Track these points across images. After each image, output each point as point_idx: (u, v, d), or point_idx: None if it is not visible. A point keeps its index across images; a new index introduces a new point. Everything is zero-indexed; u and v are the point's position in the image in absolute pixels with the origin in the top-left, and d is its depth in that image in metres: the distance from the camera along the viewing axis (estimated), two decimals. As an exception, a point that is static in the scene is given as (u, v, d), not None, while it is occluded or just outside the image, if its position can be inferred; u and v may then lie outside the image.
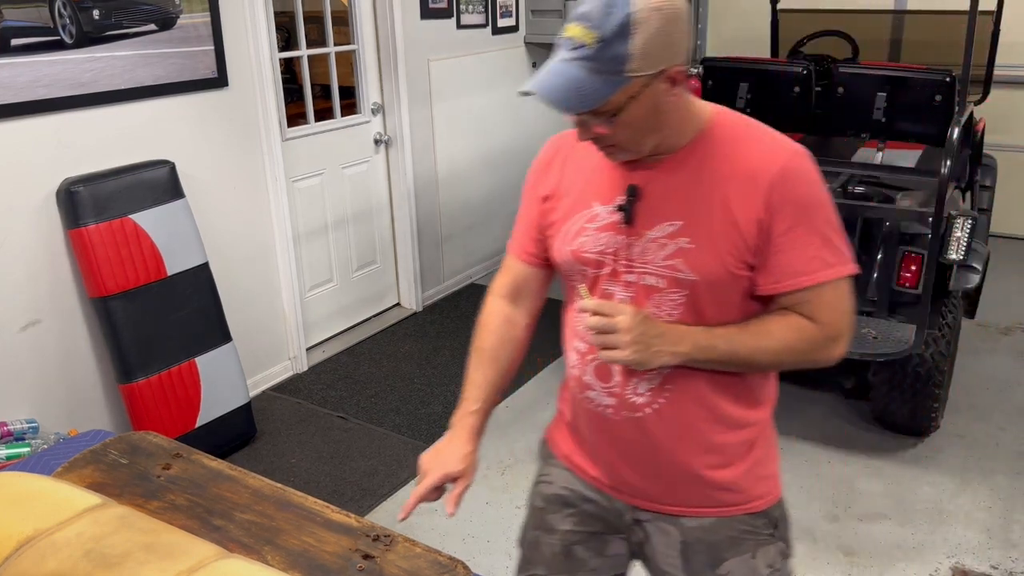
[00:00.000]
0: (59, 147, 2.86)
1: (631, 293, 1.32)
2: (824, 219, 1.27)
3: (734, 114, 1.33)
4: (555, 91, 1.18)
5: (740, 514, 1.40)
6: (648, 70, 1.16)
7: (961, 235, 2.78)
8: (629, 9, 1.13)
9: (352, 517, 1.43)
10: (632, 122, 1.21)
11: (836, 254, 1.27)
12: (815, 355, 1.30)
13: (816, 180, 1.27)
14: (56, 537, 1.21)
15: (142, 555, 1.18)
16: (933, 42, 4.60)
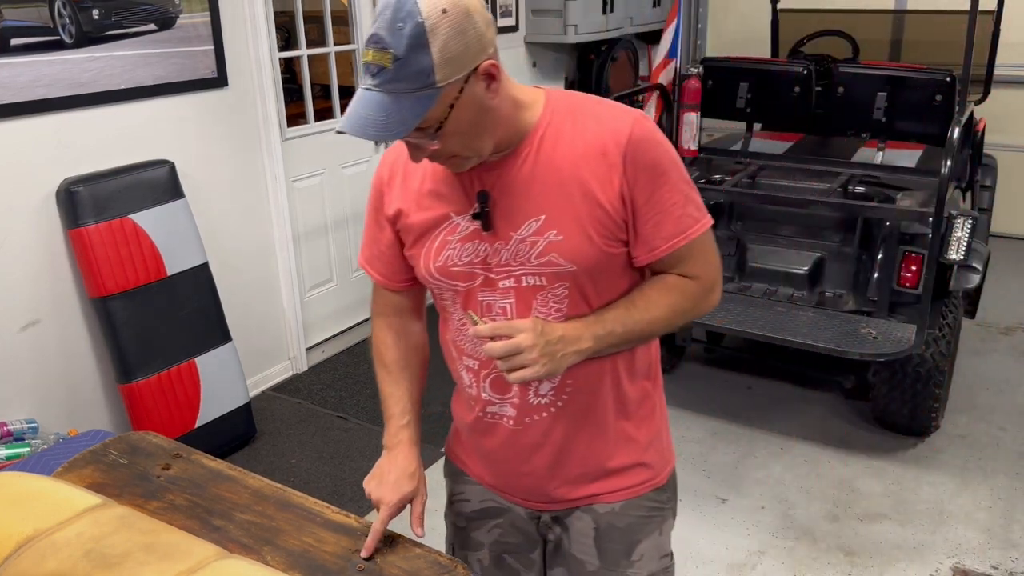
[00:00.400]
0: (59, 147, 2.86)
1: (510, 299, 1.28)
2: (679, 176, 1.26)
3: (564, 92, 1.31)
4: (369, 123, 1.11)
5: (648, 491, 1.41)
6: (457, 75, 1.11)
7: (961, 235, 2.78)
8: (417, 19, 1.07)
9: (352, 517, 1.43)
10: (460, 129, 1.16)
11: (698, 207, 1.28)
12: (698, 310, 1.33)
13: (662, 140, 1.25)
14: (56, 537, 1.21)
15: (142, 555, 1.19)
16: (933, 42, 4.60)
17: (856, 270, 3.30)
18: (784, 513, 2.90)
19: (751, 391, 3.71)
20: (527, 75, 5.24)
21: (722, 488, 3.04)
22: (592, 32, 5.14)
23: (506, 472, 1.43)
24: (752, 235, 3.52)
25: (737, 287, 3.44)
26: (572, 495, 1.41)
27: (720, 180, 3.54)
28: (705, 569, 2.64)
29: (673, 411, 3.53)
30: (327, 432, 3.42)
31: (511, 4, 4.97)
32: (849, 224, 3.33)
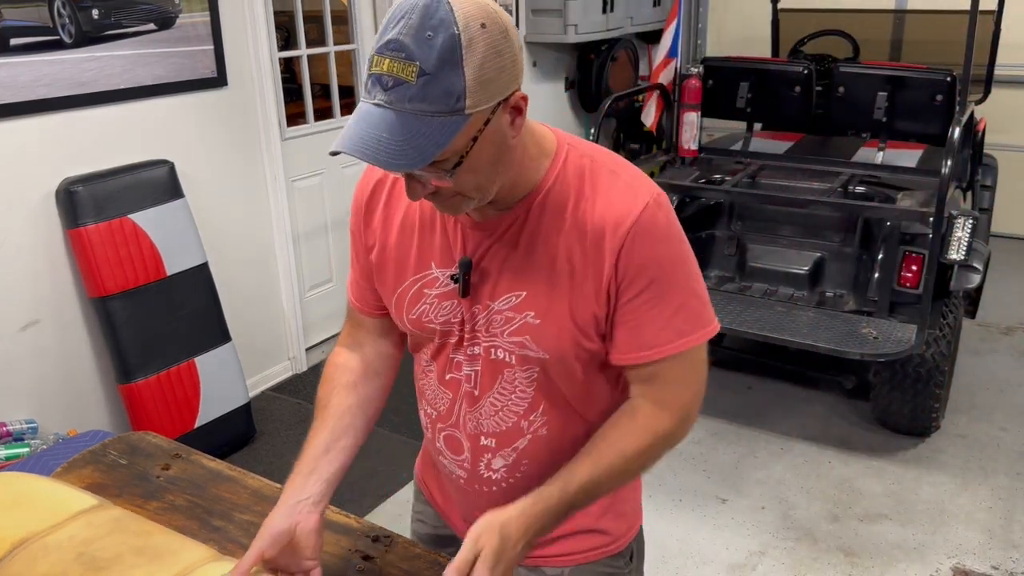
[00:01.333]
0: (58, 147, 2.85)
1: (477, 367, 1.17)
2: (681, 280, 1.10)
3: (579, 147, 1.12)
4: (381, 147, 0.92)
5: (601, 558, 1.29)
6: (488, 102, 0.93)
7: (962, 235, 2.78)
8: (453, 30, 0.90)
9: (352, 518, 1.42)
10: (477, 167, 0.98)
11: (691, 320, 1.10)
12: (669, 447, 1.18)
13: (671, 234, 1.08)
14: (48, 540, 1.21)
15: (132, 558, 1.19)
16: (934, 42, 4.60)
17: (856, 270, 3.30)
18: (784, 513, 2.90)
19: (751, 391, 3.71)
20: (527, 75, 5.23)
21: (722, 488, 3.04)
22: (592, 32, 5.13)
23: (458, 513, 1.35)
24: (752, 235, 3.52)
25: (737, 287, 3.43)
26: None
27: (720, 180, 3.54)
28: (705, 569, 2.64)
29: (673, 411, 3.55)
30: (327, 432, 3.41)
31: (511, 4, 4.96)
32: (849, 224, 3.33)
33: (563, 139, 1.12)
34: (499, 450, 1.21)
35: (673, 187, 3.38)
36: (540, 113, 5.43)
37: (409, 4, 0.92)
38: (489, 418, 1.20)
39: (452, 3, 0.91)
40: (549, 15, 5.01)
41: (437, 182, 0.99)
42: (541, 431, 1.19)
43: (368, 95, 0.95)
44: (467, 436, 1.23)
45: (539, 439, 1.20)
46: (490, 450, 1.22)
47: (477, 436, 1.22)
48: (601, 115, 3.44)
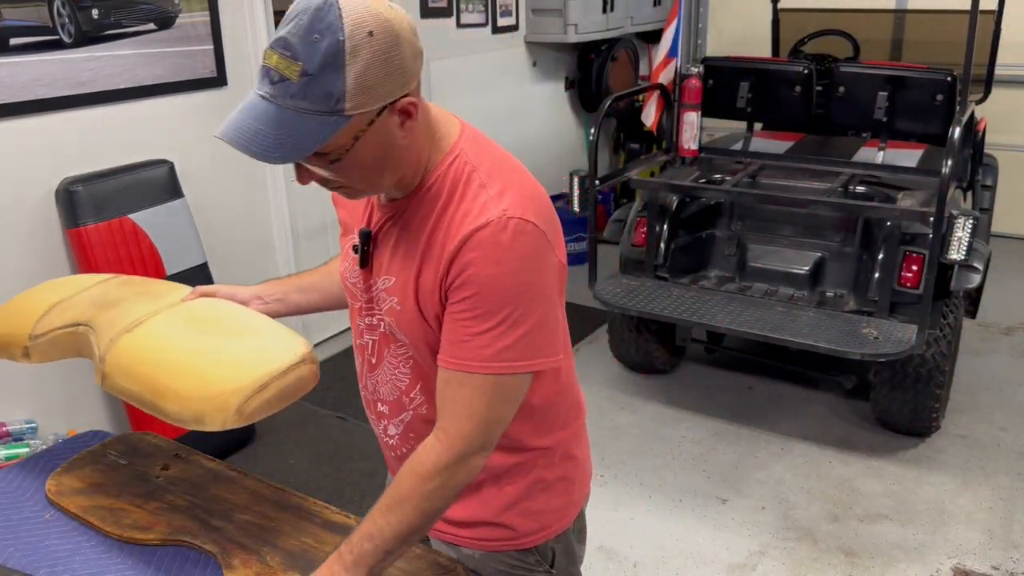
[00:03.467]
0: (58, 146, 2.85)
1: (375, 336, 1.25)
2: (505, 308, 1.07)
3: (471, 155, 1.14)
4: (259, 138, 0.98)
5: (509, 550, 1.32)
6: (370, 106, 0.99)
7: (962, 235, 2.78)
8: (338, 35, 0.94)
9: (352, 518, 1.42)
10: (361, 163, 1.04)
11: (497, 350, 1.08)
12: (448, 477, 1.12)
13: (509, 258, 1.06)
14: (73, 299, 1.55)
15: (134, 299, 1.50)
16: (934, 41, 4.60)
17: (857, 270, 3.30)
18: (784, 513, 2.90)
19: (751, 391, 3.71)
20: (527, 75, 5.24)
21: (722, 488, 3.04)
22: (592, 31, 5.13)
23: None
24: (753, 235, 3.52)
25: (737, 287, 3.43)
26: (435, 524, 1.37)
27: (720, 180, 3.53)
28: (705, 569, 2.64)
29: (673, 411, 3.55)
30: (326, 433, 3.42)
31: (511, 3, 4.96)
32: (850, 224, 3.33)
33: (460, 142, 1.15)
34: (392, 418, 1.29)
35: (673, 187, 3.38)
36: (540, 113, 5.44)
37: (304, 5, 0.97)
38: (383, 386, 1.28)
39: (343, 9, 0.96)
40: (549, 15, 5.01)
41: (320, 173, 1.06)
42: (421, 410, 1.25)
43: (258, 86, 1.00)
44: (371, 399, 1.32)
45: (420, 416, 1.25)
46: (386, 416, 1.30)
47: (375, 402, 1.31)
48: (601, 115, 3.44)
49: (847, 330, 2.97)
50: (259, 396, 1.26)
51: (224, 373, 1.28)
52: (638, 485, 3.07)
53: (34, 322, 1.52)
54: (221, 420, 1.25)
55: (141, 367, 1.34)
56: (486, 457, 1.15)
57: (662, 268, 3.44)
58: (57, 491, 1.52)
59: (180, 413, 1.27)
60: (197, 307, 1.47)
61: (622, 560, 2.69)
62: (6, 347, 1.57)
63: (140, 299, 1.49)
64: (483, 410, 1.11)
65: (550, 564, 1.37)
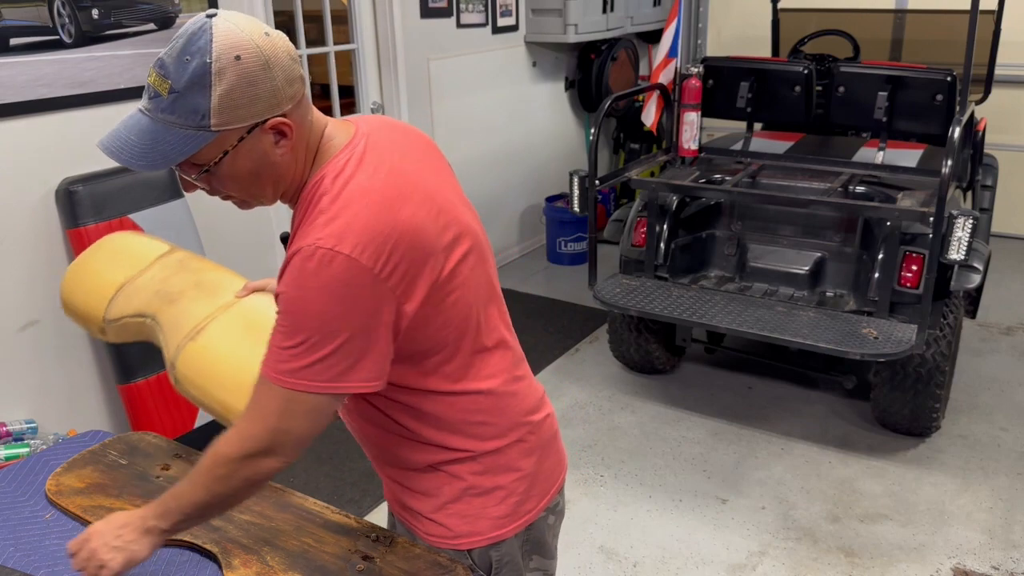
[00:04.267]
0: (58, 146, 2.85)
1: None
2: (300, 327, 1.11)
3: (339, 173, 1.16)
4: (128, 148, 1.11)
5: (444, 547, 1.36)
6: (237, 123, 1.08)
7: (962, 235, 2.77)
8: (206, 59, 1.04)
9: (351, 518, 1.42)
10: (235, 176, 1.14)
11: (290, 363, 1.12)
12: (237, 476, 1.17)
13: (304, 286, 1.09)
14: (137, 282, 1.64)
15: (193, 293, 1.60)
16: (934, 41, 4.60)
17: (857, 270, 3.30)
18: (785, 513, 2.90)
19: (751, 391, 3.71)
20: (527, 75, 5.24)
21: (722, 488, 3.04)
22: (592, 32, 5.14)
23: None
24: (753, 235, 3.52)
25: (737, 287, 3.43)
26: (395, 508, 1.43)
27: (720, 180, 3.54)
28: (705, 569, 2.64)
29: (673, 411, 3.55)
30: (327, 432, 3.40)
31: (511, 3, 4.96)
32: (850, 224, 3.33)
33: (335, 160, 1.16)
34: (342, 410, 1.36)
35: (673, 187, 3.38)
36: (540, 113, 5.44)
37: (184, 29, 1.08)
38: None
39: (215, 34, 1.05)
40: (549, 15, 5.01)
41: (195, 182, 1.17)
42: (349, 404, 1.33)
43: (139, 99, 1.11)
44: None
45: (347, 410, 1.35)
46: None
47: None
48: (601, 115, 3.44)
49: (847, 330, 2.97)
50: None
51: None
52: (638, 485, 3.07)
53: (106, 304, 1.64)
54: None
55: (209, 382, 1.46)
56: (280, 462, 1.17)
57: (662, 268, 3.44)
58: (57, 491, 1.52)
59: None
60: (250, 309, 1.56)
61: (622, 560, 2.69)
62: (85, 322, 1.69)
63: (199, 294, 1.59)
64: (273, 418, 1.15)
65: (488, 572, 1.36)
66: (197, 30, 1.06)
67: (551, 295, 4.80)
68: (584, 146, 5.88)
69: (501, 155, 5.11)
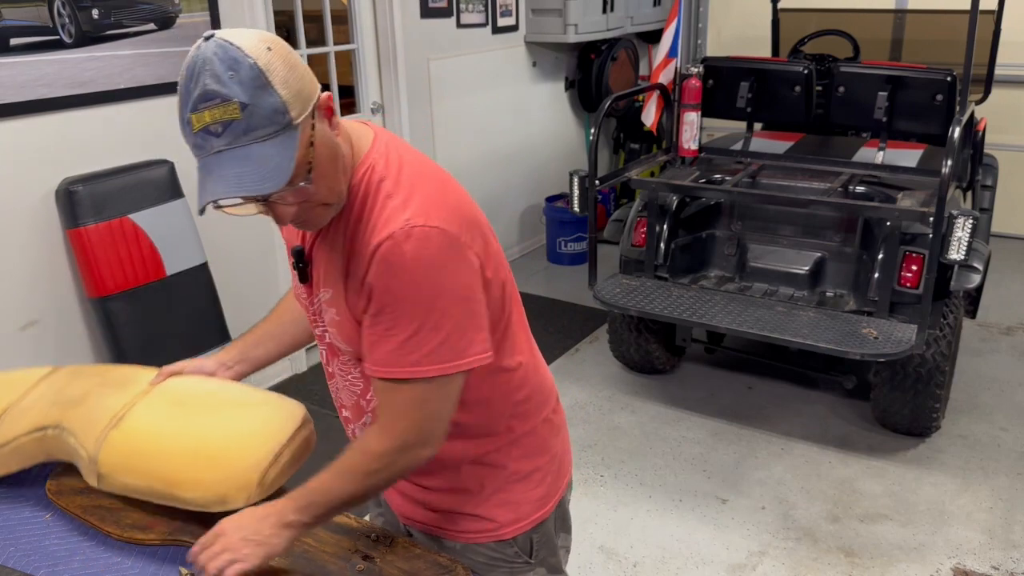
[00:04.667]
0: (58, 146, 2.85)
1: (324, 347, 1.33)
2: (413, 314, 1.11)
3: (381, 166, 1.16)
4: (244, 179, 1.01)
5: (488, 541, 1.36)
6: (306, 108, 1.04)
7: (962, 235, 2.77)
8: (248, 61, 1.00)
9: (351, 518, 1.42)
10: (325, 171, 1.08)
11: (416, 353, 1.12)
12: (391, 469, 1.21)
13: (412, 268, 1.09)
14: (23, 403, 1.47)
15: (100, 391, 1.44)
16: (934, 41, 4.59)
17: (857, 270, 3.30)
18: (785, 513, 2.90)
19: (751, 391, 3.71)
20: (527, 75, 5.24)
21: (722, 488, 3.04)
22: (592, 32, 5.14)
23: None
24: (753, 235, 3.52)
25: (737, 287, 3.43)
26: (415, 517, 1.42)
27: (720, 180, 3.54)
28: (705, 569, 2.64)
29: (673, 411, 3.55)
30: (327, 432, 3.40)
31: (511, 3, 4.96)
32: (850, 224, 3.33)
33: (375, 148, 1.17)
34: (354, 421, 1.37)
35: (673, 187, 3.38)
36: (540, 113, 5.44)
37: (199, 62, 1.00)
38: (341, 391, 1.36)
39: (234, 42, 1.01)
40: (549, 15, 5.01)
41: (302, 193, 1.07)
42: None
43: (201, 150, 1.02)
44: (336, 404, 1.41)
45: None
46: (350, 420, 1.38)
47: (340, 407, 1.40)
48: (601, 115, 3.44)
49: (847, 330, 2.97)
50: (276, 466, 1.32)
51: (237, 452, 1.29)
52: (638, 485, 3.07)
53: None
54: (245, 497, 1.27)
55: (144, 460, 1.32)
56: (432, 450, 1.20)
57: (662, 268, 3.44)
58: (57, 491, 1.52)
59: (202, 498, 1.28)
60: (173, 388, 1.45)
61: (622, 560, 2.69)
62: None
63: (107, 390, 1.44)
64: (416, 411, 1.17)
65: (529, 555, 1.40)
66: (216, 48, 1.00)
67: (551, 295, 4.80)
68: (584, 146, 5.88)
69: (501, 155, 5.11)
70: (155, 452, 1.32)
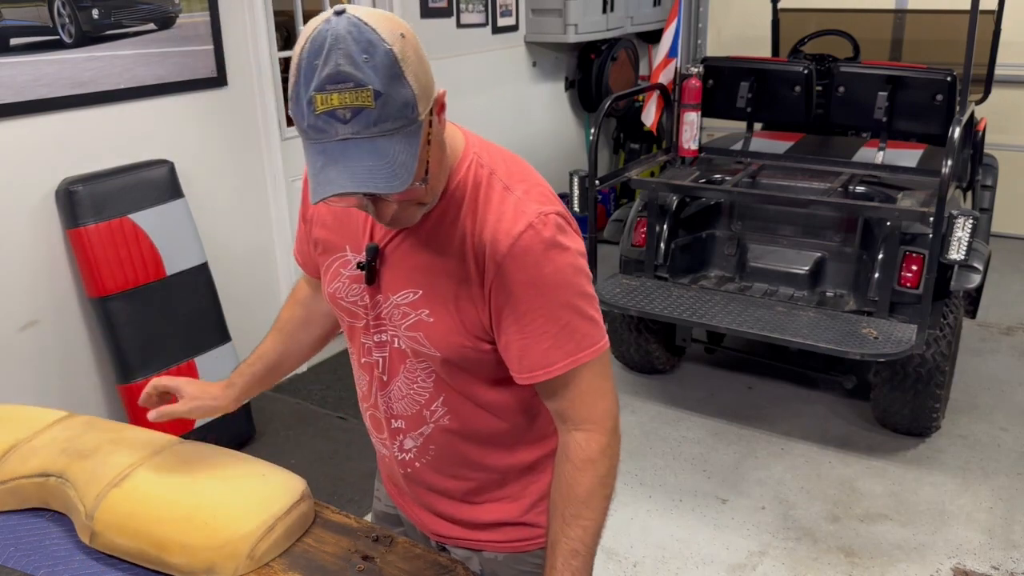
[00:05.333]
0: (58, 147, 2.85)
1: (384, 354, 1.23)
2: (562, 301, 1.09)
3: (485, 158, 1.13)
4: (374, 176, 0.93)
5: (535, 549, 1.33)
6: (429, 104, 0.97)
7: (962, 235, 2.78)
8: (384, 46, 0.91)
9: (352, 518, 1.42)
10: (434, 170, 1.03)
11: (575, 339, 1.11)
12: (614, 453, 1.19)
13: (553, 255, 1.08)
14: (34, 443, 1.47)
15: (110, 447, 1.43)
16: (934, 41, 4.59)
17: (857, 270, 3.30)
18: (785, 513, 2.90)
19: (751, 391, 3.71)
20: (527, 75, 5.24)
21: (722, 488, 3.04)
22: (592, 32, 5.14)
23: (396, 490, 1.43)
24: (753, 235, 3.52)
25: (737, 287, 3.43)
26: (450, 534, 1.37)
27: (720, 180, 3.54)
28: (705, 569, 2.64)
29: (673, 411, 3.55)
30: (326, 432, 3.42)
31: (511, 4, 4.96)
32: (850, 224, 3.33)
33: (471, 145, 1.14)
34: (408, 432, 1.28)
35: (673, 187, 3.38)
36: (540, 113, 5.44)
37: (330, 38, 0.91)
38: (397, 402, 1.26)
39: (370, 23, 0.92)
40: (549, 15, 5.01)
41: (407, 195, 1.00)
42: (443, 421, 1.25)
43: (322, 134, 0.93)
44: (383, 417, 1.29)
45: (443, 428, 1.25)
46: (401, 431, 1.28)
47: (390, 418, 1.29)
48: (601, 115, 3.44)
49: (847, 330, 2.97)
50: (267, 538, 1.28)
51: (229, 520, 1.26)
52: (638, 485, 3.07)
53: None
54: (233, 568, 1.26)
55: (139, 522, 1.31)
56: (618, 429, 1.19)
57: (662, 268, 3.44)
58: (57, 491, 1.51)
59: (189, 565, 1.27)
60: (181, 453, 1.44)
61: (622, 560, 2.69)
62: None
63: (118, 447, 1.44)
64: (607, 384, 1.16)
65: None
66: (349, 28, 0.92)
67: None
68: (584, 146, 5.88)
69: (501, 155, 5.11)
70: (151, 515, 1.31)
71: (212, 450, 1.47)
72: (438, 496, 1.33)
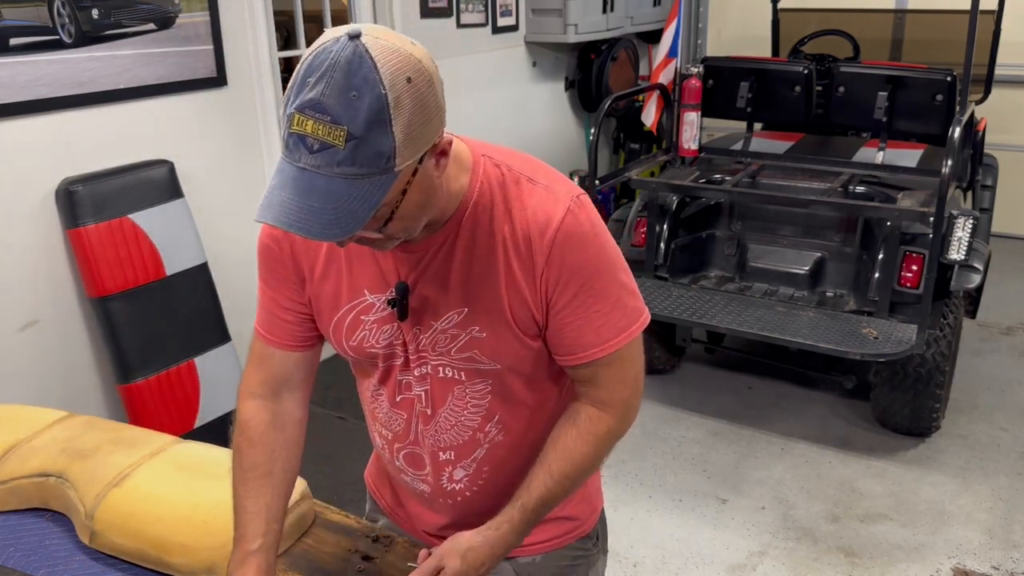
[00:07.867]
0: (58, 147, 2.85)
1: (426, 387, 1.18)
2: (610, 277, 1.10)
3: (497, 157, 1.11)
4: (313, 216, 0.88)
5: (572, 541, 1.35)
6: (416, 155, 0.91)
7: (962, 235, 2.78)
8: (379, 90, 0.86)
9: (352, 518, 1.43)
10: (406, 215, 0.97)
11: (627, 315, 1.12)
12: (614, 442, 1.21)
13: (595, 234, 1.08)
14: (34, 442, 1.49)
15: (110, 447, 1.46)
16: (934, 41, 4.59)
17: (857, 270, 3.30)
18: (785, 513, 2.90)
19: (751, 391, 3.71)
20: (527, 75, 5.24)
21: (722, 488, 3.04)
22: (592, 32, 5.13)
23: (426, 524, 1.37)
24: (753, 235, 3.52)
25: (737, 287, 3.43)
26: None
27: (720, 180, 3.54)
28: (705, 569, 2.64)
29: (673, 411, 3.55)
30: (327, 432, 3.42)
31: (511, 3, 4.96)
32: (850, 224, 3.33)
33: (477, 150, 1.11)
34: (459, 462, 1.23)
35: (673, 187, 3.38)
36: (540, 113, 5.44)
37: (329, 59, 0.87)
38: (445, 432, 1.21)
39: (376, 59, 0.87)
40: (549, 15, 5.01)
41: (368, 235, 0.97)
42: (498, 438, 1.22)
43: (291, 155, 0.89)
44: (427, 452, 1.24)
45: (497, 446, 1.23)
46: (450, 463, 1.23)
47: (436, 452, 1.23)
48: (601, 115, 3.44)
49: (847, 330, 2.97)
50: None
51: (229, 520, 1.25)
52: (638, 485, 3.07)
53: None
54: None
55: (139, 522, 1.31)
56: (636, 414, 1.21)
57: (662, 268, 3.44)
58: (57, 491, 1.51)
59: (189, 565, 1.28)
60: (181, 453, 1.45)
61: (622, 560, 2.69)
62: None
63: (117, 447, 1.44)
64: (633, 371, 1.17)
65: (598, 542, 1.43)
66: (351, 57, 0.87)
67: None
68: (584, 146, 5.87)
69: (501, 155, 5.11)
70: (150, 515, 1.31)
71: (212, 450, 1.48)
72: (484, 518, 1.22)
